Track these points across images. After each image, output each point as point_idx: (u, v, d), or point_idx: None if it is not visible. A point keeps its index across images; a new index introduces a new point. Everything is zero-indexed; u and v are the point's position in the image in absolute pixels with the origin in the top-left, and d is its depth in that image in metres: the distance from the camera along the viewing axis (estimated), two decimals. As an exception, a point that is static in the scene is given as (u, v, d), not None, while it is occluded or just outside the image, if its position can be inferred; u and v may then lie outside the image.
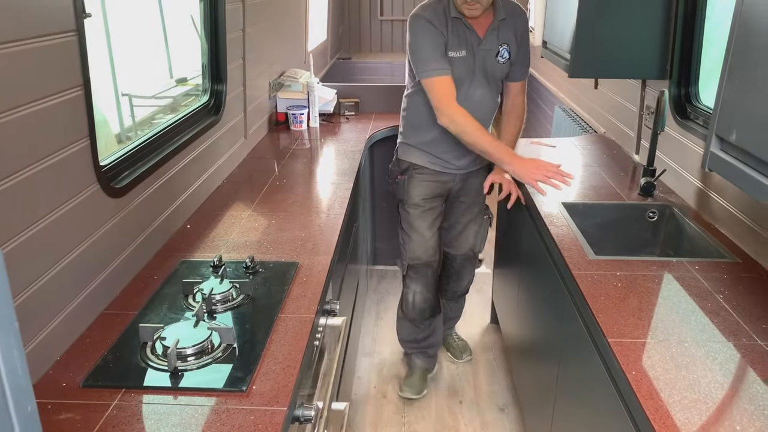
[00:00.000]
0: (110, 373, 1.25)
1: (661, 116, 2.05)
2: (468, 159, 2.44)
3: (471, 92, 2.32)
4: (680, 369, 1.27)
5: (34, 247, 1.20)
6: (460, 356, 2.94)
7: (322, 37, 4.88)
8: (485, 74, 2.32)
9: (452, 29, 2.24)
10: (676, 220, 2.10)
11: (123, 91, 5.35)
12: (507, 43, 2.30)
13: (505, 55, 2.31)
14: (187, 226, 1.97)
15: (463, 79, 2.29)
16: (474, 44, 2.27)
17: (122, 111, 5.24)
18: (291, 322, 1.44)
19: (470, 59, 2.28)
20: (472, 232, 2.62)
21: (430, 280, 2.57)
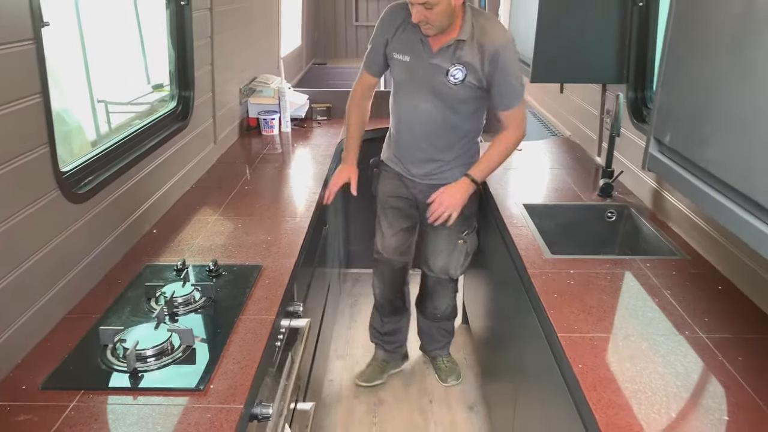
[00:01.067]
0: (70, 375, 1.27)
1: (617, 119, 2.12)
2: (421, 168, 2.41)
3: (416, 103, 2.31)
4: (624, 362, 1.32)
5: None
6: (445, 379, 2.85)
7: (296, 43, 4.92)
8: (433, 90, 2.25)
9: (403, 31, 2.25)
10: (633, 219, 2.17)
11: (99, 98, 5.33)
12: (464, 65, 2.17)
13: (458, 76, 2.19)
14: (153, 230, 1.99)
15: (406, 85, 2.32)
16: (423, 55, 2.23)
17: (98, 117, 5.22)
18: (251, 324, 1.48)
19: (415, 67, 2.26)
20: (443, 254, 2.52)
21: (388, 279, 2.64)
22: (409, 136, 2.39)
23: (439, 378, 2.89)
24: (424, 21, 2.08)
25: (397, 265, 2.63)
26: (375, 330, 2.84)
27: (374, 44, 2.36)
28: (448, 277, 2.58)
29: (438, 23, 2.10)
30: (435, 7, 2.04)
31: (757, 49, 0.97)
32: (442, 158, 2.38)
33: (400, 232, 2.57)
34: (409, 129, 2.38)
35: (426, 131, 2.33)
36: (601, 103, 2.63)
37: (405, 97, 2.34)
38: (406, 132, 2.40)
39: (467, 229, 2.49)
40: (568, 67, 2.41)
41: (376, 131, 3.22)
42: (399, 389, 2.82)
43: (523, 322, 1.81)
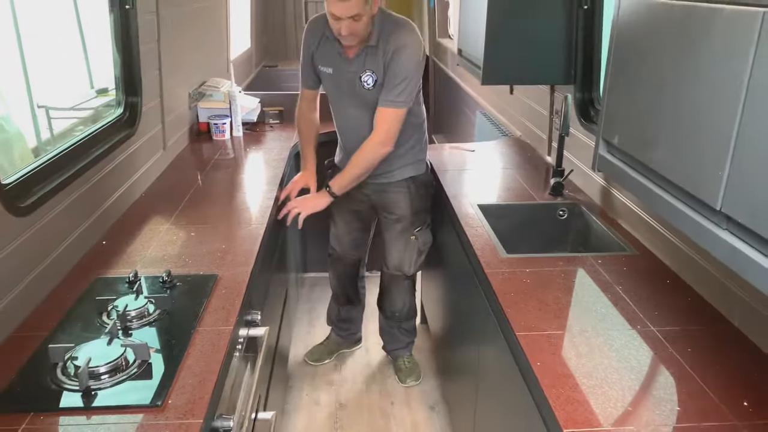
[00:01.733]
0: (17, 398, 1.22)
1: (566, 120, 2.17)
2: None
3: (345, 111, 2.43)
4: (581, 357, 1.36)
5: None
6: (404, 380, 2.88)
7: (245, 45, 4.85)
8: (355, 96, 2.34)
9: (323, 43, 2.34)
10: (584, 217, 2.23)
11: (39, 103, 5.12)
12: (373, 70, 2.26)
13: (369, 81, 2.28)
14: (103, 242, 1.93)
15: (333, 95, 2.45)
16: (342, 64, 2.32)
17: (39, 124, 5.02)
18: (209, 335, 1.45)
19: (338, 78, 2.35)
20: (395, 250, 2.59)
21: (342, 274, 2.82)
22: (349, 141, 2.50)
23: (398, 379, 2.91)
24: (350, 34, 2.14)
25: (350, 260, 2.79)
26: (331, 316, 3.01)
27: (303, 59, 2.45)
28: (402, 274, 2.65)
29: (363, 34, 2.20)
30: (362, 18, 2.12)
31: (698, 53, 1.01)
32: (385, 158, 2.41)
33: (354, 230, 2.68)
34: (346, 135, 2.51)
35: (361, 135, 2.39)
36: (550, 103, 2.69)
37: (337, 105, 2.47)
38: (345, 137, 2.53)
39: (420, 225, 2.58)
40: (518, 68, 2.45)
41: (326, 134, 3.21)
42: (361, 392, 2.81)
43: (481, 321, 1.84)
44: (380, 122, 2.30)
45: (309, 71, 2.45)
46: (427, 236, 2.60)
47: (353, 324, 3.02)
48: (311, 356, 3.02)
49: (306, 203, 2.38)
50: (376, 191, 2.54)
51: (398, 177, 2.49)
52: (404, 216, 2.53)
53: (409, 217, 2.53)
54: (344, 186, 2.38)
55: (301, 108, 2.56)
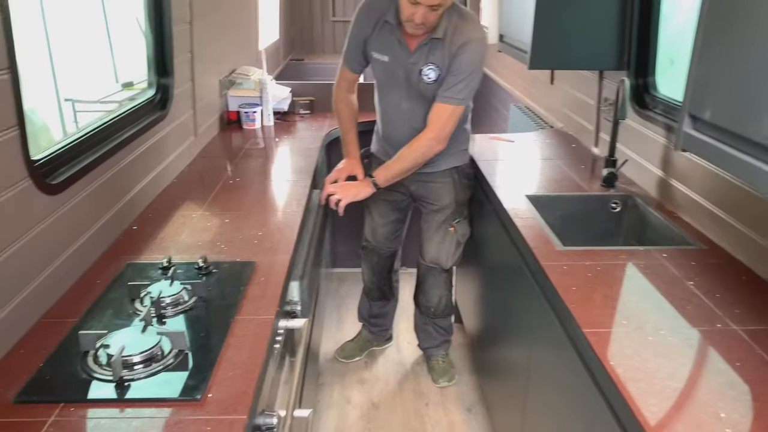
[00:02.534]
0: (47, 387, 1.12)
1: (623, 105, 2.04)
2: None
3: (396, 102, 2.30)
4: (659, 357, 1.23)
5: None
6: (437, 380, 2.75)
7: (274, 37, 4.76)
8: (412, 88, 2.22)
9: (380, 30, 2.20)
10: (639, 209, 2.09)
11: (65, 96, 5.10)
12: (436, 64, 2.14)
13: (430, 75, 2.16)
14: (134, 227, 1.84)
15: (385, 85, 2.32)
16: (401, 55, 2.19)
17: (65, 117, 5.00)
18: (249, 325, 1.34)
19: (394, 68, 2.22)
20: (433, 242, 2.50)
21: (376, 267, 2.69)
22: (395, 132, 2.38)
23: (432, 378, 2.79)
24: (422, 23, 2.02)
25: (385, 253, 2.67)
26: (362, 312, 2.89)
27: (352, 41, 2.30)
28: (439, 267, 2.54)
29: (433, 25, 2.08)
30: (439, 9, 2.01)
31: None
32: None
33: (390, 222, 2.57)
34: (394, 125, 2.37)
35: (410, 128, 2.30)
36: (598, 90, 2.55)
37: (387, 95, 2.33)
38: (392, 128, 2.39)
39: (459, 217, 2.47)
40: (567, 53, 2.32)
41: (363, 124, 3.11)
42: (394, 392, 2.70)
43: (535, 317, 1.71)
44: (436, 118, 2.18)
45: (357, 54, 2.30)
46: (466, 228, 2.50)
47: (385, 320, 2.91)
48: (342, 353, 2.91)
49: (348, 190, 2.25)
50: (417, 181, 2.43)
51: (443, 167, 2.38)
52: (446, 207, 2.43)
53: (451, 208, 2.43)
54: (389, 179, 2.26)
55: (339, 89, 2.43)
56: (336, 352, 2.92)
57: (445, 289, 2.63)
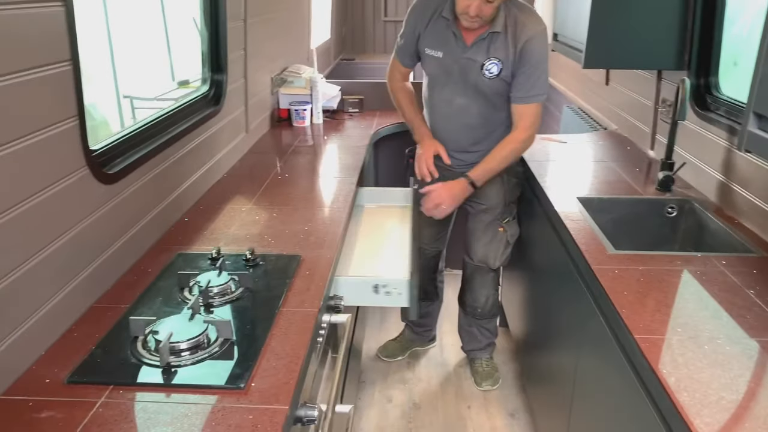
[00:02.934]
0: (97, 369, 1.16)
1: (683, 105, 1.96)
2: (457, 159, 2.34)
3: (451, 98, 2.26)
4: (715, 367, 1.17)
5: (16, 230, 1.11)
6: (480, 383, 2.71)
7: (325, 37, 4.81)
8: (468, 84, 2.19)
9: (434, 25, 2.18)
10: (697, 214, 2.01)
11: (124, 93, 5.29)
12: (499, 58, 2.11)
13: (493, 70, 2.12)
14: (185, 219, 1.88)
15: (438, 81, 2.28)
16: (456, 50, 2.16)
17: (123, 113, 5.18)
18: (293, 317, 1.35)
19: (448, 63, 2.19)
20: (482, 242, 2.46)
21: (422, 267, 2.63)
22: (444, 129, 2.35)
23: (475, 381, 2.75)
24: (478, 15, 2.00)
25: (430, 253, 2.64)
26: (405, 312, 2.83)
27: (405, 36, 2.29)
28: (486, 266, 2.50)
29: (489, 18, 2.05)
30: (494, 1, 1.99)
31: None
32: (478, 149, 2.33)
33: (436, 222, 2.53)
34: (444, 122, 2.34)
35: (462, 124, 2.28)
36: (656, 91, 2.46)
37: (439, 91, 2.29)
38: (441, 125, 2.36)
39: (508, 216, 2.44)
40: (624, 51, 2.26)
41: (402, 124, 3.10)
42: (435, 393, 2.67)
43: (583, 322, 1.66)
44: (522, 118, 2.18)
45: (409, 50, 2.29)
46: (515, 228, 2.47)
47: (429, 321, 2.89)
48: (384, 351, 2.90)
49: (449, 197, 2.21)
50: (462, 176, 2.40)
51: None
52: (495, 206, 2.39)
53: (500, 208, 2.40)
54: (484, 179, 2.23)
55: (393, 78, 2.42)
56: (378, 350, 2.92)
57: (492, 288, 2.59)
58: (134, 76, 5.51)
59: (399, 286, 1.71)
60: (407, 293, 1.71)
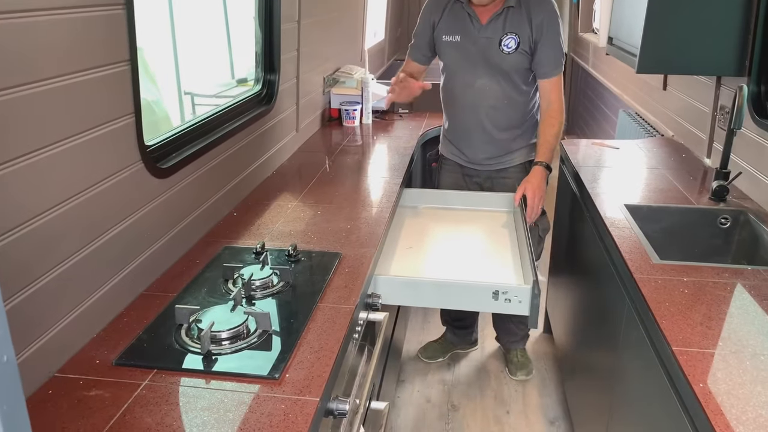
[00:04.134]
0: (143, 353, 1.22)
1: (739, 113, 1.89)
2: (483, 151, 2.37)
3: (471, 80, 2.28)
4: (755, 384, 1.14)
5: (75, 219, 1.19)
6: (514, 373, 2.76)
7: (379, 37, 4.85)
8: (488, 63, 2.22)
9: (450, 11, 2.24)
10: (752, 226, 1.93)
11: (186, 90, 5.49)
12: (515, 32, 2.16)
13: (510, 44, 2.17)
14: (234, 213, 1.95)
15: (459, 65, 2.29)
16: (473, 30, 2.20)
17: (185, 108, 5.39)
18: (330, 312, 1.39)
19: (467, 45, 2.22)
20: None
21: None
22: (467, 119, 2.36)
23: (509, 371, 2.80)
24: None
25: None
26: (445, 316, 2.89)
27: (420, 29, 2.34)
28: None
29: None
30: None
31: None
32: (503, 138, 2.35)
33: None
34: (467, 110, 2.35)
35: (485, 107, 2.30)
36: (715, 98, 2.38)
37: (459, 77, 2.31)
38: (464, 114, 2.36)
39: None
40: (680, 57, 2.19)
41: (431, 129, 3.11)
42: (474, 396, 2.67)
43: (624, 332, 1.63)
44: (553, 91, 2.23)
45: (424, 42, 2.33)
46: (546, 222, 2.46)
47: (470, 320, 2.89)
48: (424, 353, 2.91)
49: (541, 192, 2.18)
50: (489, 178, 2.44)
51: (517, 161, 2.38)
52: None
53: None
54: (551, 158, 2.25)
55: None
56: (419, 351, 2.93)
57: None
58: (196, 74, 5.71)
59: (520, 294, 1.66)
60: (528, 301, 1.67)
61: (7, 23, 0.98)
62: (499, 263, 1.91)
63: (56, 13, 1.08)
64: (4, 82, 0.99)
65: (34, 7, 1.03)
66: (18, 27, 1.00)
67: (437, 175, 2.59)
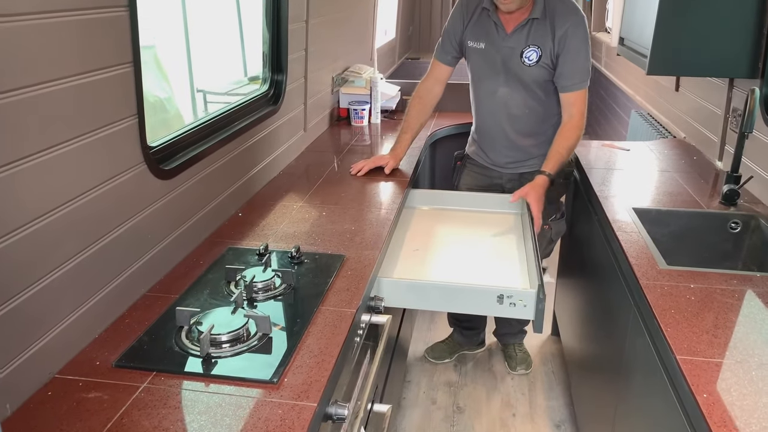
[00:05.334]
0: (143, 355, 1.23)
1: (750, 116, 1.86)
2: (506, 156, 2.38)
3: (494, 89, 2.28)
4: (761, 395, 1.12)
5: (77, 220, 1.19)
6: (514, 367, 2.80)
7: (390, 36, 4.84)
8: (509, 73, 2.21)
9: (477, 18, 2.23)
10: (763, 231, 1.90)
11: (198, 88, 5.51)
12: (538, 45, 2.13)
13: (532, 57, 2.14)
14: (239, 213, 1.95)
15: (483, 72, 2.29)
16: (497, 39, 2.19)
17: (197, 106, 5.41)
18: (331, 316, 1.38)
19: (491, 53, 2.22)
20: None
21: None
22: (491, 124, 2.37)
23: (508, 366, 2.82)
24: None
25: None
26: (452, 317, 2.88)
27: (448, 31, 2.33)
28: None
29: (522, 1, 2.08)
30: None
31: None
32: (525, 144, 2.35)
33: None
34: (490, 116, 2.36)
35: (507, 115, 2.30)
36: (727, 100, 2.35)
37: (483, 84, 2.32)
38: (487, 119, 2.38)
39: (553, 214, 2.41)
40: (692, 58, 2.16)
41: (459, 126, 3.09)
42: (480, 398, 2.66)
43: (629, 338, 1.61)
44: (575, 105, 2.18)
45: (453, 44, 2.32)
46: (561, 226, 2.45)
47: (476, 325, 2.88)
48: (432, 353, 2.90)
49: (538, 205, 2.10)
50: (511, 180, 2.43)
51: (538, 166, 2.31)
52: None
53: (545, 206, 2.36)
54: (557, 170, 2.19)
55: (420, 87, 2.42)
56: (426, 351, 2.93)
57: None
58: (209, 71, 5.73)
59: (525, 298, 1.64)
60: (533, 305, 1.64)
61: (11, 26, 0.99)
62: (506, 266, 1.89)
63: (59, 15, 1.08)
64: (8, 84, 0.99)
65: (37, 9, 1.04)
66: (22, 29, 1.01)
67: (458, 174, 2.58)
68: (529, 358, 2.84)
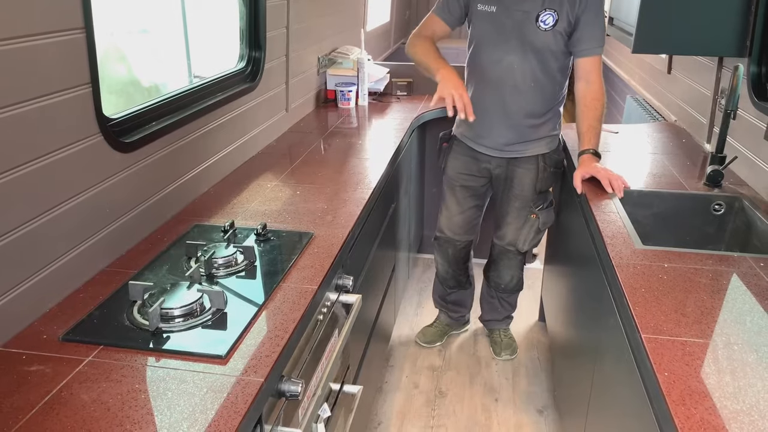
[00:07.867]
0: (92, 329, 1.19)
1: (734, 94, 1.81)
2: (502, 136, 2.26)
3: (501, 56, 2.14)
4: (723, 374, 1.08)
5: (24, 187, 1.15)
6: (499, 353, 2.77)
7: (384, 19, 4.77)
8: (521, 40, 2.09)
9: None
10: (746, 213, 1.85)
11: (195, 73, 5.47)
12: (554, 8, 2.04)
13: (548, 21, 2.04)
14: (210, 191, 1.92)
15: (489, 38, 2.15)
16: (510, 2, 2.08)
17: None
18: (291, 292, 1.35)
19: (501, 18, 2.10)
20: (512, 227, 2.41)
21: (452, 258, 2.60)
22: (489, 98, 2.21)
23: (493, 351, 2.79)
24: None
25: (460, 244, 2.57)
26: (439, 298, 2.84)
27: None
28: (515, 250, 2.46)
29: None
30: None
31: None
32: (524, 124, 2.23)
33: (468, 210, 2.48)
34: (489, 89, 2.21)
35: (510, 88, 2.17)
36: (716, 80, 2.29)
37: (488, 51, 2.17)
38: (485, 93, 2.22)
39: (542, 203, 2.35)
40: (678, 36, 2.10)
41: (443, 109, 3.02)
42: (463, 383, 2.62)
43: (603, 320, 1.57)
44: (593, 71, 2.11)
45: (459, 4, 2.17)
46: (549, 216, 2.38)
47: (463, 307, 2.85)
48: (423, 338, 2.86)
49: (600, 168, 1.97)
50: (501, 165, 2.35)
51: (530, 152, 2.28)
52: (524, 194, 2.32)
53: (530, 196, 2.32)
54: (598, 144, 2.11)
55: (417, 34, 2.23)
56: (417, 336, 2.88)
57: (518, 269, 2.56)
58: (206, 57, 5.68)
59: None
60: None
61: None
62: None
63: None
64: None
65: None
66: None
67: (444, 156, 2.47)
68: (515, 343, 2.81)
